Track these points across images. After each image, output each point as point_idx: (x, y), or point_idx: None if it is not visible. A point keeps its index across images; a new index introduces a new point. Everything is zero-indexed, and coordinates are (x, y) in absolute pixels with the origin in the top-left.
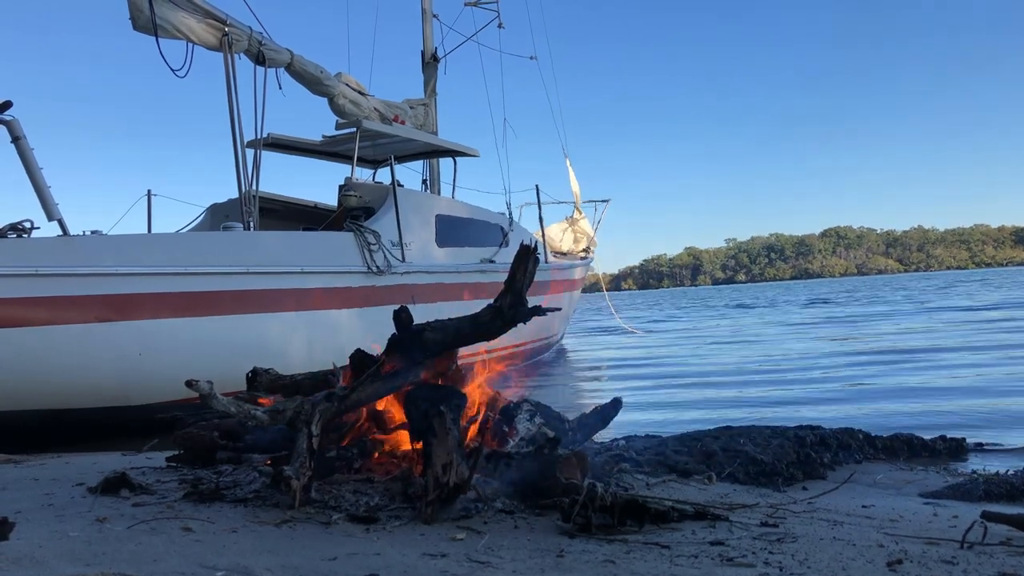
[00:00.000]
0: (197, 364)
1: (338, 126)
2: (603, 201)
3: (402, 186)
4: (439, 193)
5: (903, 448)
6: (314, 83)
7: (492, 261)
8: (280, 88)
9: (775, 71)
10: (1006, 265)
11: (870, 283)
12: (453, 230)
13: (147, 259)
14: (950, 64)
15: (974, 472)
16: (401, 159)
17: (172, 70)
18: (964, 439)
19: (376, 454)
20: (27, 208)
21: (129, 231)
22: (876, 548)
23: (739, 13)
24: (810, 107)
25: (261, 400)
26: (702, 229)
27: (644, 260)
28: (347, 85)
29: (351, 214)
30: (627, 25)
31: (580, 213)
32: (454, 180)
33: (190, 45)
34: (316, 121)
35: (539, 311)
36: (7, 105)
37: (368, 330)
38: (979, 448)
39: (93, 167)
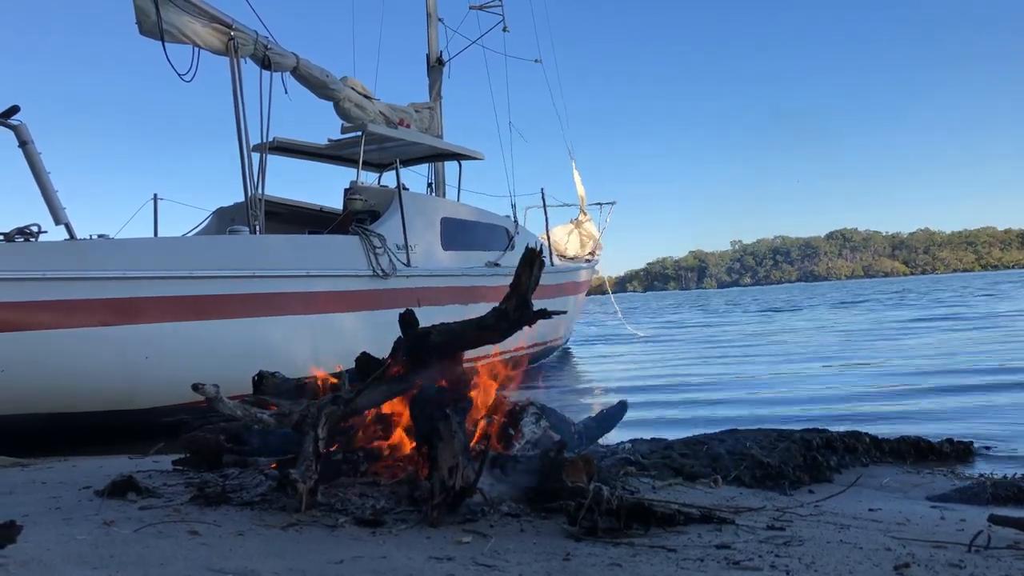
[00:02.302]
0: (203, 368)
1: (343, 130)
2: (608, 203)
3: (407, 189)
4: (444, 196)
5: (910, 451)
6: (319, 87)
7: (497, 264)
8: (286, 92)
9: (780, 72)
10: (1013, 267)
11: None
12: (458, 233)
13: (153, 263)
14: (957, 64)
15: (981, 475)
16: (406, 162)
17: (178, 74)
18: (972, 442)
19: (382, 457)
20: (34, 212)
21: (135, 235)
22: (883, 551)
23: (742, 14)
24: (815, 108)
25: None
26: (707, 231)
27: (649, 262)
28: (352, 89)
29: (356, 217)
30: (631, 27)
31: (585, 216)
32: (459, 183)
33: (196, 49)
34: (321, 125)
35: (544, 314)
36: (14, 110)
37: (374, 333)
38: (987, 451)
39: (99, 171)
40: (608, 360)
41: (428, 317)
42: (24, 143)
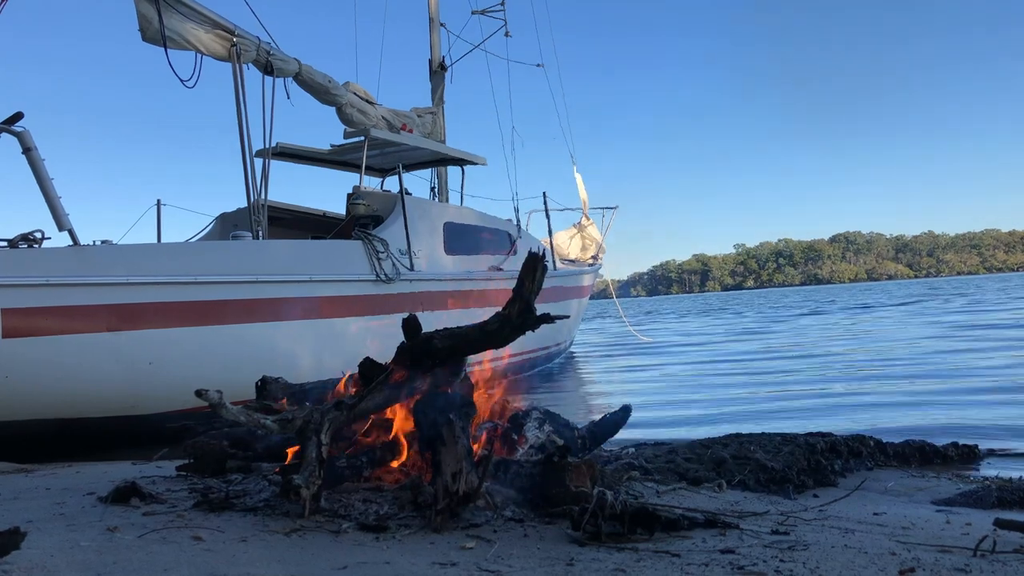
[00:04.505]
0: (207, 373)
1: (346, 135)
2: (611, 207)
3: (410, 194)
4: (447, 201)
5: (915, 455)
6: (322, 92)
7: (500, 268)
8: (288, 98)
9: (782, 75)
10: (1017, 270)
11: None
12: (461, 238)
13: (157, 268)
14: (959, 64)
15: (987, 479)
16: (409, 167)
17: (181, 80)
18: (976, 445)
19: (385, 462)
20: (38, 218)
21: (139, 241)
22: (888, 556)
23: (742, 17)
24: (818, 111)
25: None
26: (711, 235)
27: (653, 266)
28: (355, 94)
29: (359, 222)
30: (633, 32)
31: (588, 220)
32: (462, 188)
33: (199, 55)
34: (324, 130)
35: (547, 319)
36: (18, 117)
37: (377, 338)
38: (992, 454)
39: (102, 178)
40: (612, 365)
41: (431, 322)
42: (27, 149)
